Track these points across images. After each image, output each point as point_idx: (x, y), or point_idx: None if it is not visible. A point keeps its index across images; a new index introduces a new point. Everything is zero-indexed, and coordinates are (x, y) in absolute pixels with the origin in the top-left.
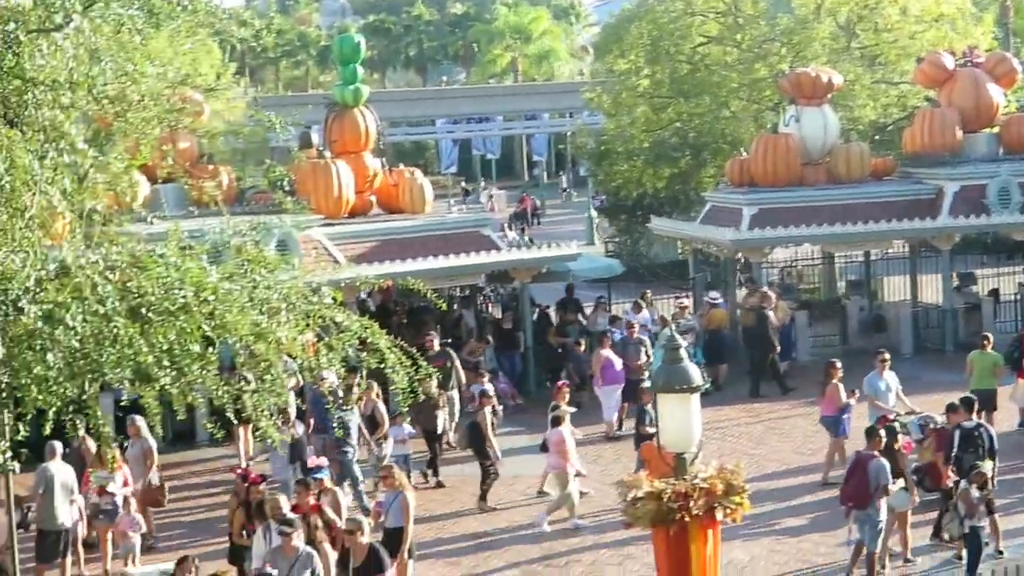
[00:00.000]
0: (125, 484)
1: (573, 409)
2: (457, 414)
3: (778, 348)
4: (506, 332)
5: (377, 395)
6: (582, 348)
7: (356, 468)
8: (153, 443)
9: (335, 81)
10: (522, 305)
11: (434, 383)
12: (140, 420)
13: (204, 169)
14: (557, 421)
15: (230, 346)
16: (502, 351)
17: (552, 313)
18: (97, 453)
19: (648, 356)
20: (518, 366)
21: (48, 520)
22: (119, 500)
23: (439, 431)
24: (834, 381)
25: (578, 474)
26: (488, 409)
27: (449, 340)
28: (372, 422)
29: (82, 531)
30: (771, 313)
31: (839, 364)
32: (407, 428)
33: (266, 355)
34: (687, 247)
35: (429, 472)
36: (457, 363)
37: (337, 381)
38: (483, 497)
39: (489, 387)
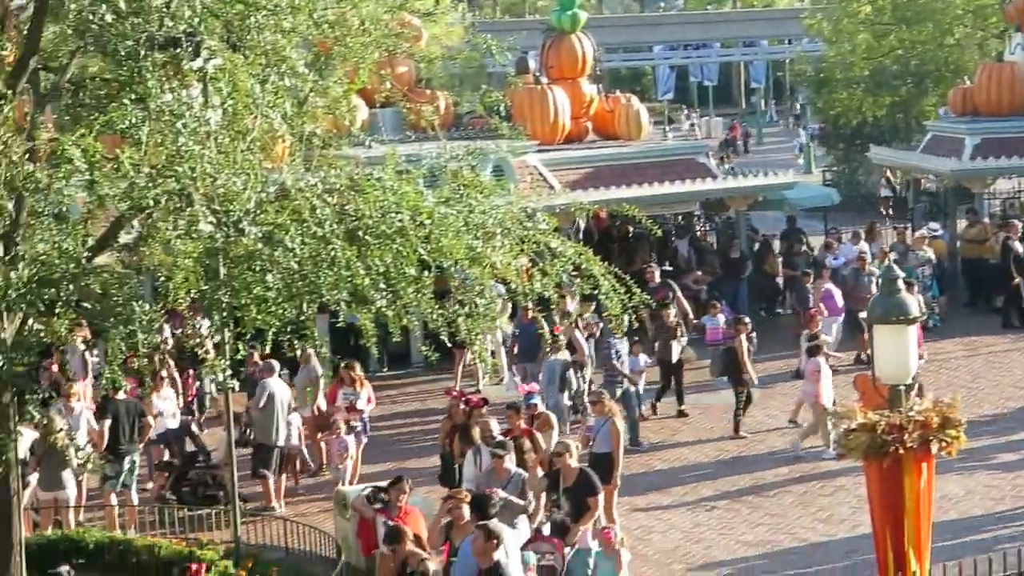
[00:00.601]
0: (369, 401)
1: (830, 339)
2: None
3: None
4: (732, 261)
5: (577, 325)
6: (810, 280)
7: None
8: (320, 370)
9: (553, 6)
10: (738, 233)
11: (673, 312)
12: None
13: (422, 94)
14: (815, 351)
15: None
16: (726, 280)
17: (775, 243)
18: (346, 369)
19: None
20: (742, 295)
21: (266, 435)
22: (366, 417)
23: (675, 361)
24: None
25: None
26: (743, 336)
27: (670, 269)
28: (570, 350)
29: (298, 447)
30: (1017, 244)
31: None
32: (643, 359)
33: (480, 279)
34: (903, 175)
35: (658, 403)
36: (679, 294)
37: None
38: (737, 427)
39: (720, 319)
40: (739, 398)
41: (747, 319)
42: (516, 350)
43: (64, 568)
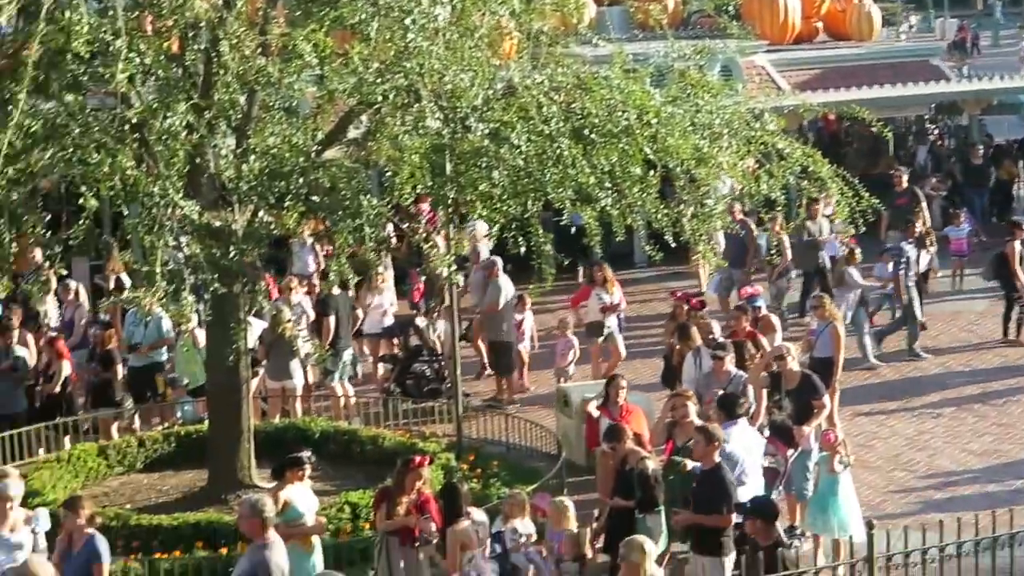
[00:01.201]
0: (621, 301)
1: None
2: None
3: None
4: (974, 168)
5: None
6: None
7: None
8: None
9: None
10: (975, 139)
11: (922, 218)
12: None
13: None
14: None
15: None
16: (969, 187)
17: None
18: (598, 270)
19: None
20: (985, 204)
21: (497, 332)
22: (622, 316)
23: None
24: None
25: None
26: (1019, 241)
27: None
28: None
29: (526, 349)
30: None
31: None
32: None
33: (706, 180)
34: None
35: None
36: (923, 202)
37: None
38: (1005, 331)
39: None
40: (1012, 302)
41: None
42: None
43: (305, 454)
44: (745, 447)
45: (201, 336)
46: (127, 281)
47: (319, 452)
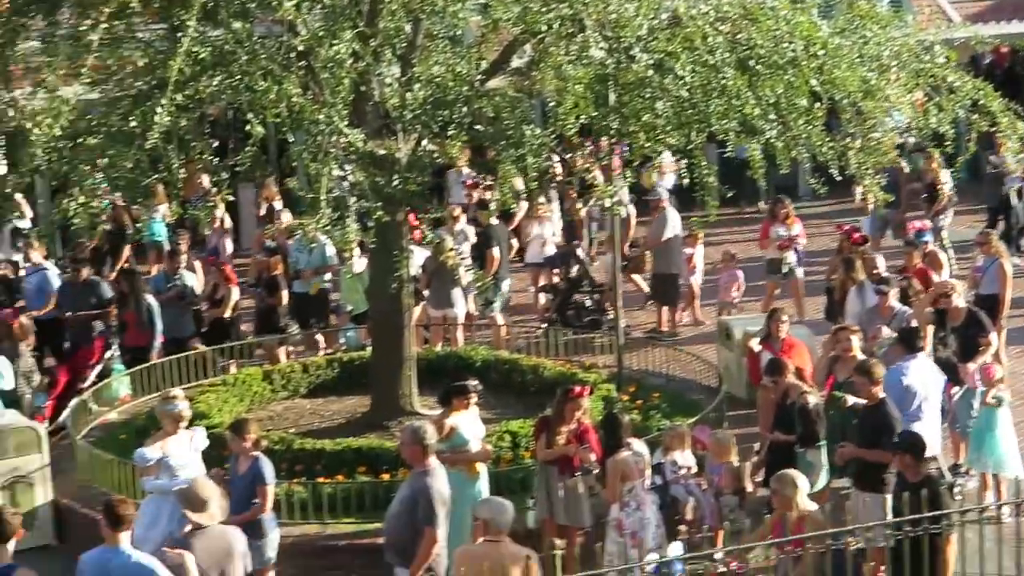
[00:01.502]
0: (801, 236)
1: None
2: None
3: None
4: None
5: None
6: None
7: None
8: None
9: None
10: None
11: None
12: None
13: None
14: None
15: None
16: None
17: None
18: (782, 209)
19: None
20: None
21: (666, 264)
22: (801, 251)
23: None
24: None
25: None
26: None
27: None
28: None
29: (697, 283)
30: None
31: None
32: None
33: (873, 113)
34: None
35: None
36: None
37: None
38: None
39: None
40: None
41: None
42: None
43: (472, 382)
44: (922, 382)
45: (360, 264)
46: (278, 207)
47: (480, 381)
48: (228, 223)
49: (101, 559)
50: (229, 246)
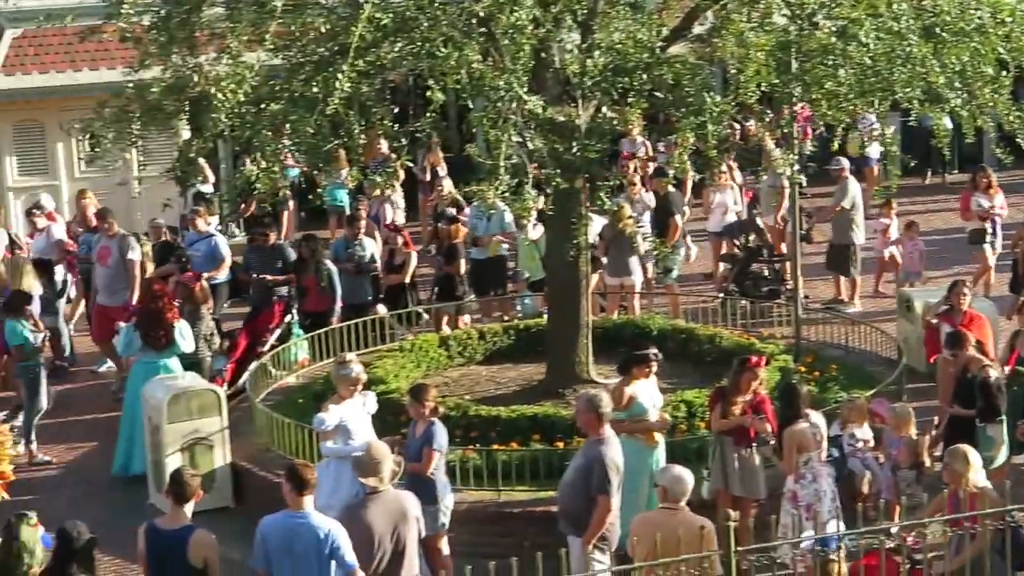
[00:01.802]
0: (1002, 207)
1: None
2: None
3: None
4: None
5: None
6: None
7: None
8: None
9: None
10: None
11: None
12: None
13: None
14: None
15: None
16: None
17: None
18: (984, 178)
19: None
20: None
21: (844, 234)
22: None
23: None
24: None
25: None
26: None
27: None
28: None
29: (889, 253)
30: None
31: None
32: None
33: None
34: None
35: None
36: None
37: None
38: None
39: None
40: None
41: None
42: None
43: (652, 351)
44: None
45: (536, 232)
46: (441, 174)
47: (657, 350)
48: (389, 190)
49: (286, 523)
50: (389, 213)
